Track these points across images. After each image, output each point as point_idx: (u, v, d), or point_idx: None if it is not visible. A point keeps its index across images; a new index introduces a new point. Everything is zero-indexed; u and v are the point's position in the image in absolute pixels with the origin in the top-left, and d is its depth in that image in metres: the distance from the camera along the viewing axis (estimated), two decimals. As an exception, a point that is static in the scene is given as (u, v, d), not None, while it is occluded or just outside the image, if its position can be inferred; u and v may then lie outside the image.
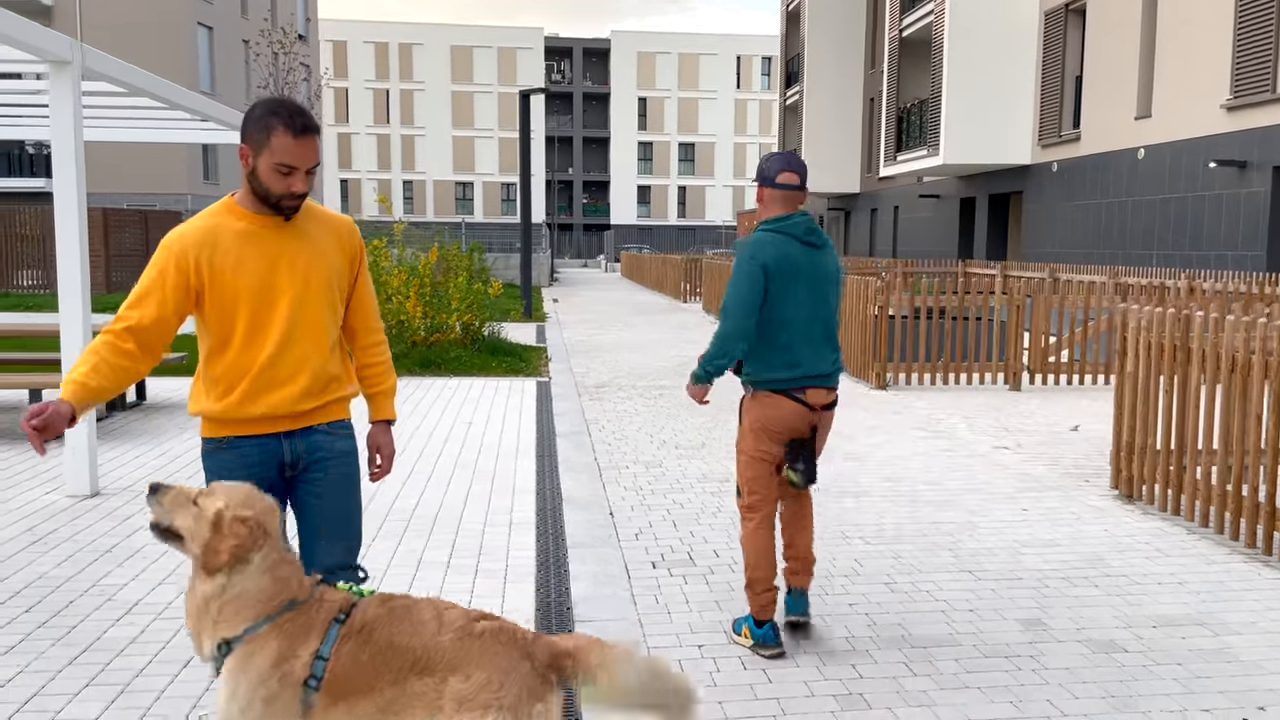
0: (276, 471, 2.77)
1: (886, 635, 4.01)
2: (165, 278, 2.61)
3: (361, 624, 2.20)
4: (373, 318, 2.95)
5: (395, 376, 3.04)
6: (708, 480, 6.63)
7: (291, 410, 2.71)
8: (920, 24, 26.88)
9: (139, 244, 26.10)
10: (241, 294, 2.64)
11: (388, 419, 2.98)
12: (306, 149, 2.60)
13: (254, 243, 2.66)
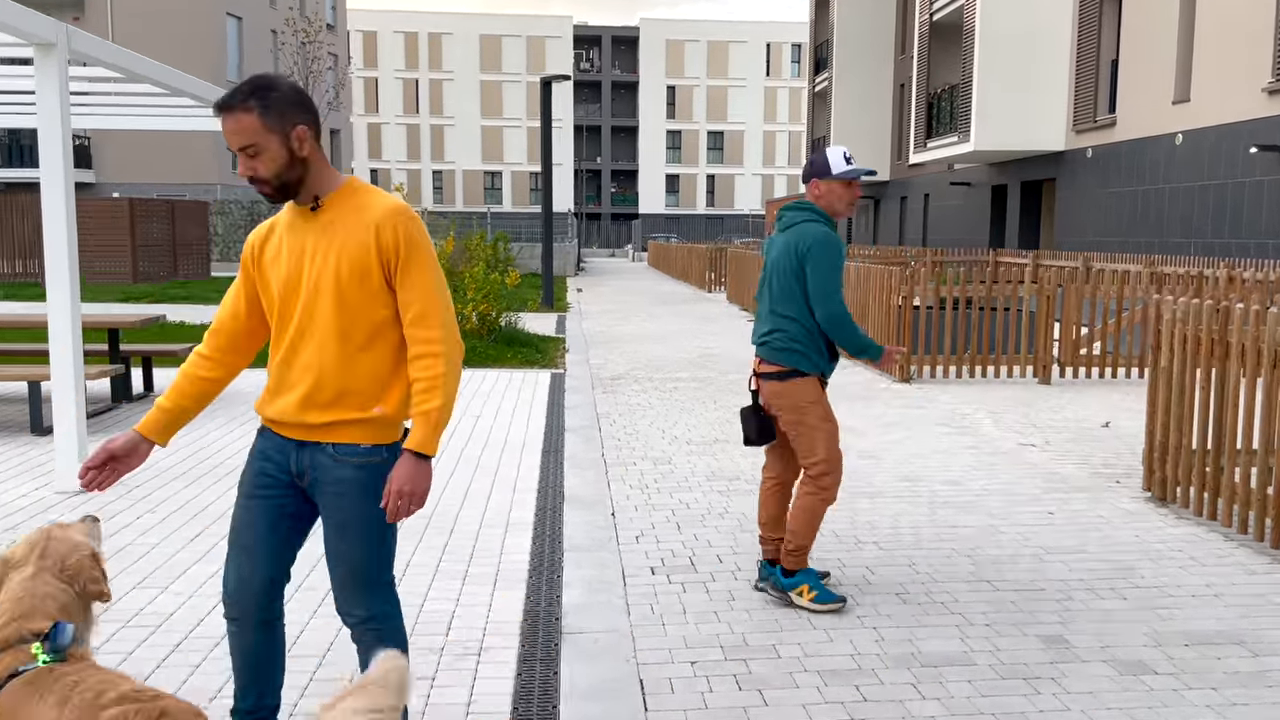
0: (286, 478, 2.59)
1: (895, 652, 3.74)
2: (240, 271, 2.62)
3: (10, 693, 1.91)
4: (419, 325, 2.46)
5: (443, 399, 2.45)
6: (717, 479, 6.37)
7: (295, 419, 2.51)
8: (951, 8, 26.31)
9: (166, 235, 26.15)
10: (272, 287, 2.55)
11: (414, 449, 2.43)
12: (228, 127, 2.41)
13: (291, 234, 2.54)
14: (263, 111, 2.41)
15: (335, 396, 2.50)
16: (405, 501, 2.44)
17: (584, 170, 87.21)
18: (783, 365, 4.08)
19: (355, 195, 2.52)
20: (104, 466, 2.51)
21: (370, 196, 2.51)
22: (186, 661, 3.54)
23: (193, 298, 20.35)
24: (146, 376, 9.05)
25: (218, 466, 6.44)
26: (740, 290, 20.91)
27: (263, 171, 2.44)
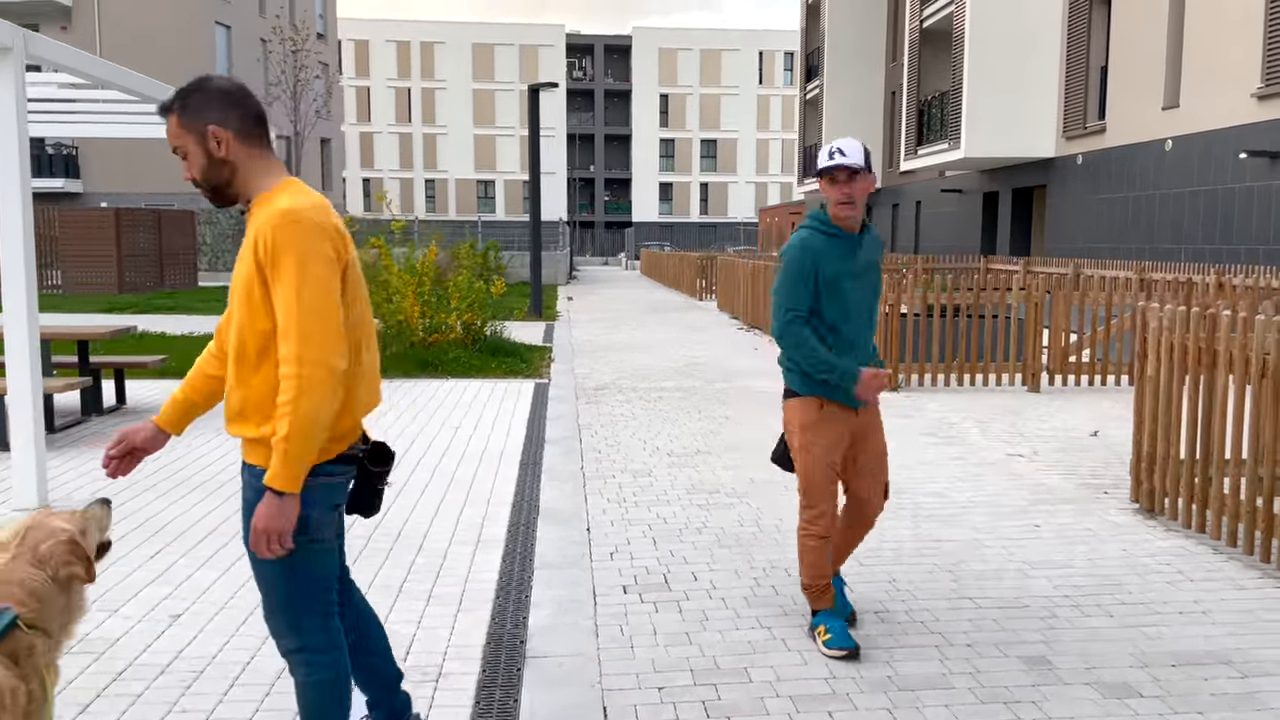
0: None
1: (872, 675, 3.59)
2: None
3: None
4: (281, 340, 2.28)
5: (289, 428, 2.25)
6: (696, 492, 6.22)
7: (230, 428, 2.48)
8: (941, 14, 26.28)
9: (152, 244, 25.96)
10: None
11: (267, 484, 2.25)
12: (167, 129, 2.38)
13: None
14: (181, 112, 2.33)
15: (236, 413, 2.41)
16: (263, 540, 2.27)
17: (577, 179, 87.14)
18: (785, 384, 3.85)
19: (270, 199, 2.36)
20: (125, 455, 2.52)
21: (272, 201, 2.34)
22: (128, 691, 3.38)
23: (178, 308, 20.16)
24: (119, 389, 8.88)
25: (187, 480, 6.28)
26: (730, 298, 20.78)
27: (192, 173, 2.37)
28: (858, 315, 3.74)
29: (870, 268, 3.76)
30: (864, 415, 3.82)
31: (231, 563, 4.72)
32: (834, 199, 3.64)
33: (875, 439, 3.86)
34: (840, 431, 3.75)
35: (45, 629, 2.20)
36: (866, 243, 3.75)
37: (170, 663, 3.62)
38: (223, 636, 3.86)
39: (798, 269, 3.64)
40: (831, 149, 3.62)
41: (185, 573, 4.57)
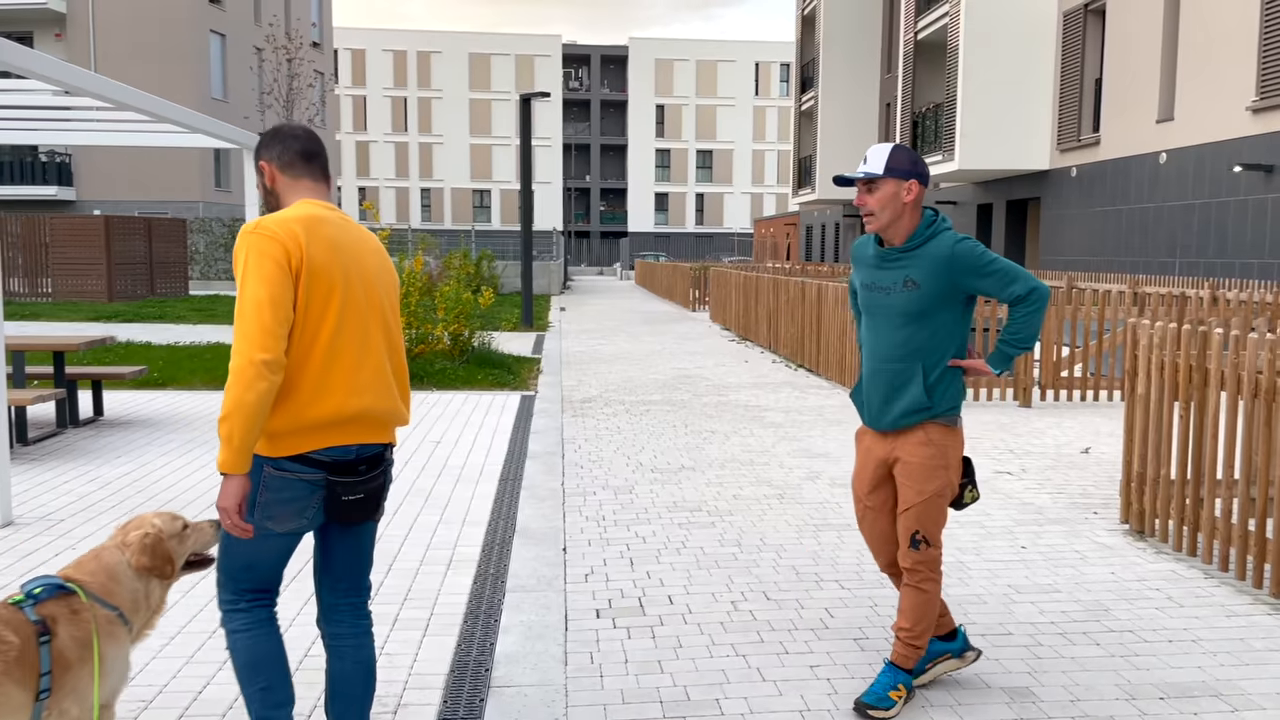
0: None
1: (847, 706, 3.45)
2: None
3: None
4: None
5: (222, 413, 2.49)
6: (678, 510, 6.09)
7: None
8: (935, 26, 26.26)
9: (142, 253, 25.81)
10: None
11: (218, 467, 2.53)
12: None
13: None
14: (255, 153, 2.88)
15: None
16: (221, 515, 2.56)
17: (573, 189, 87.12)
18: None
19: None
20: None
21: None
22: (71, 722, 3.24)
23: (166, 317, 20.01)
24: (96, 400, 8.74)
25: (153, 499, 6.13)
26: (722, 309, 20.67)
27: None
28: (876, 333, 3.39)
29: (902, 284, 3.31)
30: (894, 443, 3.40)
31: (192, 585, 4.58)
32: (859, 206, 3.38)
33: (903, 474, 3.38)
34: (866, 457, 3.50)
35: (118, 606, 2.56)
36: (907, 257, 3.31)
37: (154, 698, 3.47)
38: (177, 663, 3.72)
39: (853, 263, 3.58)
40: (866, 157, 3.39)
41: (145, 594, 4.43)
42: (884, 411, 3.37)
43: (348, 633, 2.84)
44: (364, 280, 2.69)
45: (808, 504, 6.24)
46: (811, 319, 12.88)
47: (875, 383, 3.37)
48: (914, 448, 3.34)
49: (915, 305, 3.29)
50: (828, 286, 12.11)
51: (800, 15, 42.50)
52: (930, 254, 3.28)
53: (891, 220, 3.28)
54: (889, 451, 3.40)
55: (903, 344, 3.33)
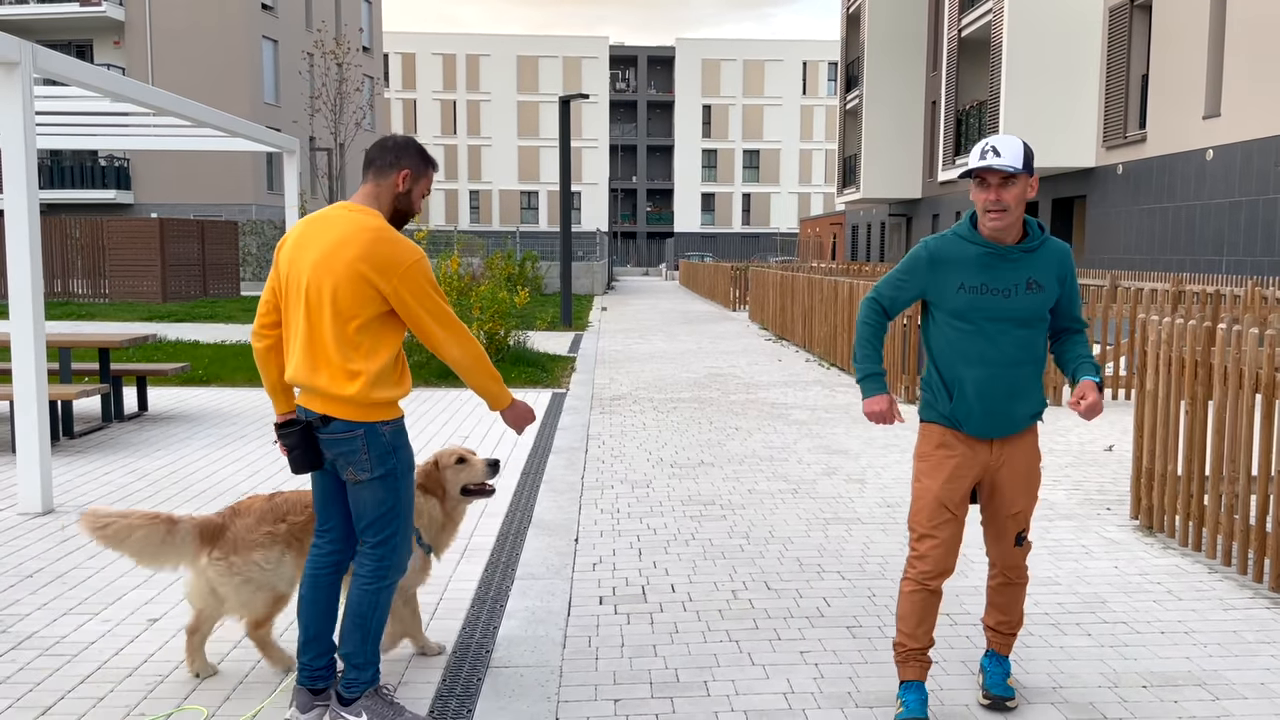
0: None
1: (831, 691, 3.55)
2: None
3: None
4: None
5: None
6: (691, 503, 6.21)
7: None
8: (980, 23, 26.03)
9: (195, 254, 26.49)
10: None
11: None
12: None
13: None
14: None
15: None
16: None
17: (619, 189, 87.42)
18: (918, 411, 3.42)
19: None
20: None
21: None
22: (91, 694, 3.45)
23: (216, 317, 20.54)
24: (140, 396, 9.07)
25: (187, 490, 6.39)
26: (760, 309, 20.71)
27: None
28: (988, 337, 3.14)
29: (1025, 286, 3.15)
30: (1002, 449, 3.24)
31: (217, 568, 4.80)
32: (981, 205, 3.10)
33: (1011, 478, 3.26)
34: (963, 466, 3.21)
35: (423, 516, 3.67)
36: (1028, 258, 3.16)
37: (139, 666, 3.68)
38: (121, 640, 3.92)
39: (909, 262, 3.24)
40: (985, 147, 3.07)
41: (171, 578, 4.66)
42: (1004, 418, 3.18)
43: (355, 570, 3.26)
44: (299, 270, 3.08)
45: (821, 498, 6.32)
46: (844, 318, 12.90)
47: (991, 389, 3.15)
48: (1027, 450, 3.26)
49: (1039, 307, 3.16)
50: (859, 285, 12.13)
51: (845, 14, 42.29)
52: (1050, 255, 3.19)
53: (1016, 219, 3.10)
54: (995, 457, 3.22)
55: (1025, 346, 3.17)
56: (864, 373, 3.30)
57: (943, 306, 3.19)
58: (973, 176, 3.09)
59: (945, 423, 3.23)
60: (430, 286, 3.09)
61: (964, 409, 3.18)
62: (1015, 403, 3.18)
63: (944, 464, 3.21)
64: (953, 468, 3.21)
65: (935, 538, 3.20)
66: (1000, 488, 3.27)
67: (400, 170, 3.14)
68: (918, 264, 3.20)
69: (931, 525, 3.21)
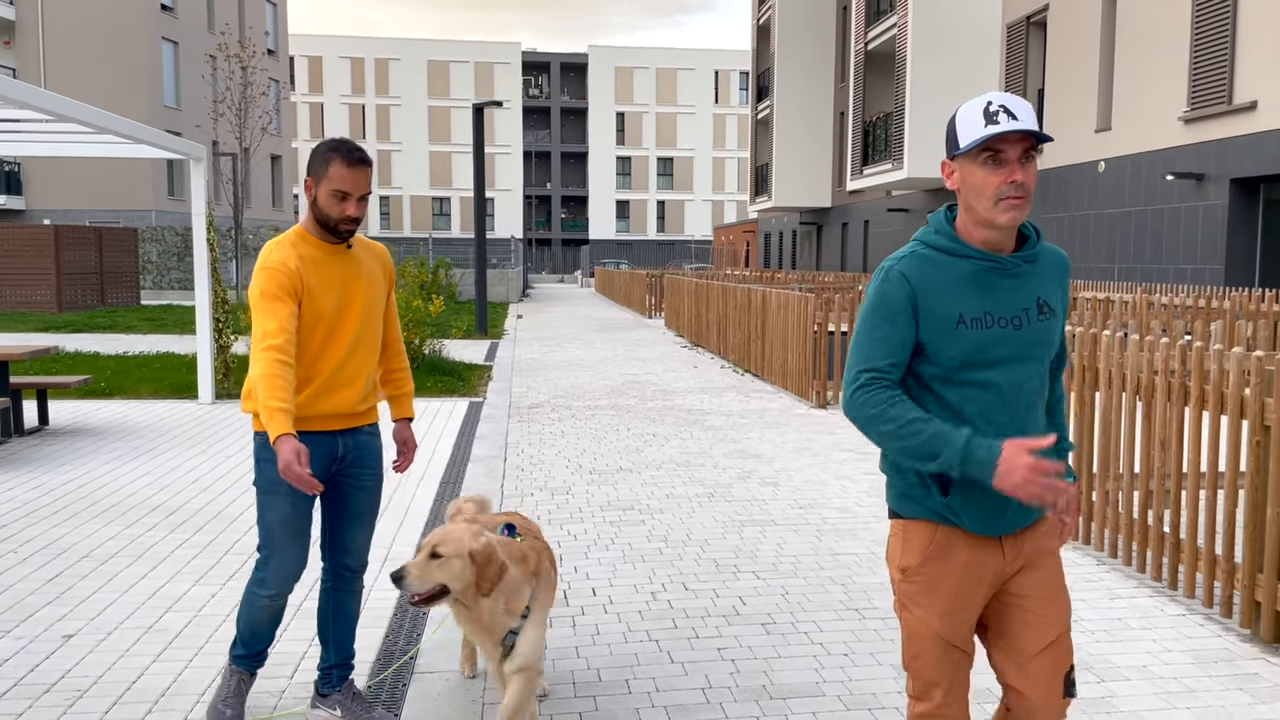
0: (328, 466, 3.21)
1: (747, 685, 3.70)
2: (286, 295, 3.01)
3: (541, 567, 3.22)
4: (398, 328, 3.46)
5: (413, 382, 3.57)
6: (611, 509, 6.32)
7: (352, 409, 3.20)
8: (885, 37, 26.80)
9: (92, 263, 25.62)
10: (322, 310, 3.10)
11: (408, 417, 3.48)
12: (358, 176, 3.07)
13: (328, 268, 3.15)
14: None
15: (373, 388, 3.33)
16: (413, 454, 3.48)
17: (534, 196, 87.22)
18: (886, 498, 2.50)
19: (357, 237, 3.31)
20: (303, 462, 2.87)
21: (365, 239, 3.34)
22: (9, 710, 3.41)
23: (116, 327, 19.93)
24: (41, 410, 8.81)
25: (95, 505, 6.26)
26: (676, 316, 20.97)
27: (359, 213, 3.13)
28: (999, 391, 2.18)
29: (1036, 310, 2.22)
30: (1017, 546, 2.27)
31: (131, 584, 4.74)
32: (991, 192, 2.11)
33: (1044, 592, 2.29)
34: (969, 582, 2.24)
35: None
36: (1031, 271, 2.24)
37: (56, 682, 3.64)
38: (113, 656, 3.88)
39: (881, 307, 2.19)
40: (990, 107, 2.10)
41: (84, 594, 4.59)
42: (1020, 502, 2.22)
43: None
44: None
45: (736, 501, 6.50)
46: (757, 325, 13.19)
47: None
48: (1049, 540, 2.33)
49: (1054, 339, 2.26)
50: (772, 293, 12.41)
51: (755, 25, 43.03)
52: (1052, 265, 2.30)
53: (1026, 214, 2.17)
54: (1013, 559, 2.27)
55: (1039, 398, 2.26)
56: (956, 448, 2.07)
57: (937, 357, 2.18)
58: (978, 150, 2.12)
59: (935, 518, 2.24)
60: (256, 297, 2.99)
61: (966, 497, 2.20)
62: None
63: (940, 583, 2.24)
64: (955, 587, 2.24)
65: (942, 685, 2.28)
66: (1022, 605, 2.28)
67: (306, 180, 3.13)
68: (895, 306, 2.17)
69: (938, 672, 2.27)
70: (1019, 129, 2.06)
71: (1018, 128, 2.06)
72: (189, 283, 33.47)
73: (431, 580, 2.83)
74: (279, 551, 3.14)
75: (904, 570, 2.28)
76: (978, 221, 2.17)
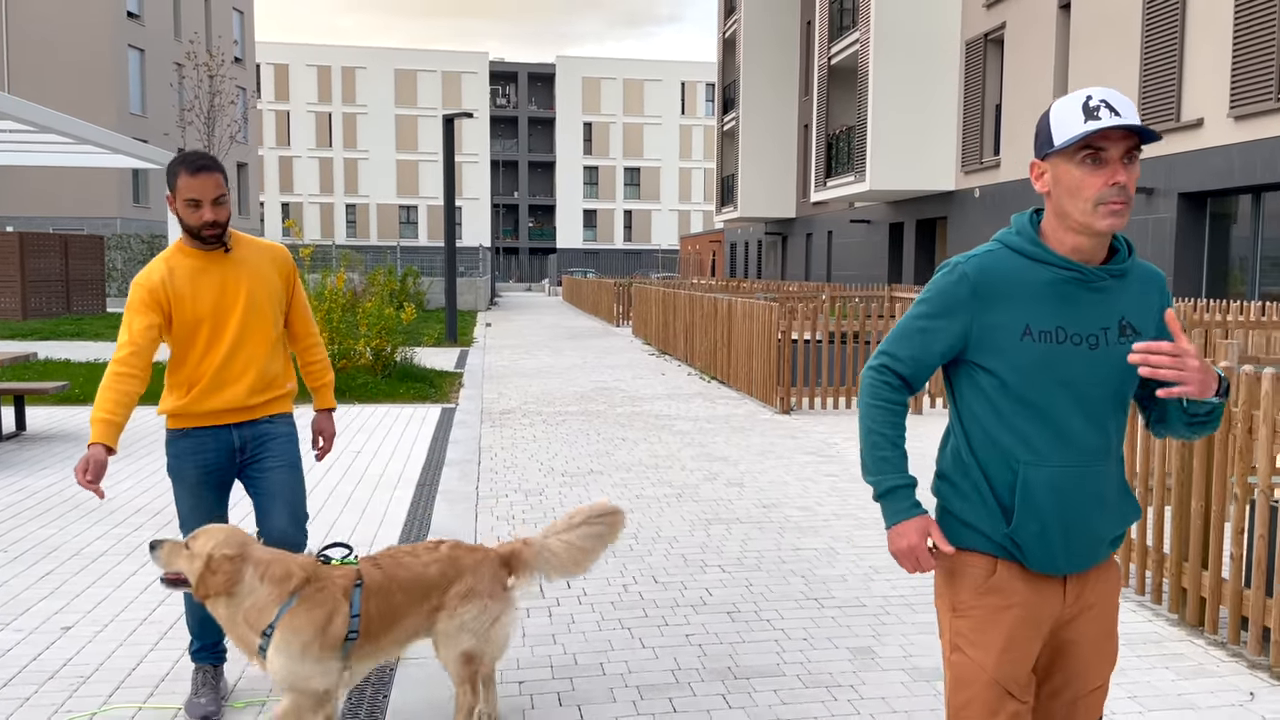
0: (227, 458, 3.45)
1: (713, 666, 3.97)
2: (145, 309, 3.28)
3: (374, 583, 3.02)
4: (310, 324, 3.67)
5: (333, 372, 3.73)
6: (583, 509, 6.57)
7: (242, 404, 3.41)
8: (848, 52, 27.32)
9: (58, 270, 25.48)
10: (201, 315, 3.34)
11: (328, 407, 3.72)
12: (201, 182, 3.24)
13: (205, 274, 3.35)
14: (223, 172, 3.34)
15: (269, 381, 3.49)
16: (330, 443, 3.72)
17: (501, 205, 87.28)
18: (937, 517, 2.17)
19: (248, 240, 3.48)
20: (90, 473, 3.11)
21: (260, 240, 3.53)
22: (17, 695, 3.60)
23: (84, 334, 19.88)
24: (19, 415, 8.91)
25: (79, 507, 6.42)
26: (643, 324, 21.25)
27: (216, 216, 3.29)
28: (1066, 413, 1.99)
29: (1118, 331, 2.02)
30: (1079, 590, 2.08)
31: (123, 580, 4.93)
32: (1091, 194, 1.93)
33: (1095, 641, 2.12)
34: (1024, 628, 2.04)
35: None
36: (1119, 286, 2.04)
37: (59, 669, 3.84)
38: (111, 645, 4.08)
39: (934, 300, 2.05)
40: (1090, 101, 1.91)
41: (77, 589, 4.77)
42: (1088, 539, 2.04)
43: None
44: None
45: (703, 501, 6.78)
46: (723, 333, 13.50)
47: (1073, 497, 2.00)
48: (1110, 589, 2.14)
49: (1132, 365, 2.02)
50: (737, 302, 12.73)
51: (722, 38, 43.53)
52: (1145, 284, 2.09)
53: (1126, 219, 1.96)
54: (1070, 604, 2.08)
55: (1119, 426, 2.07)
56: (883, 486, 2.08)
57: (995, 365, 2.00)
58: (1076, 148, 1.93)
59: (995, 551, 2.05)
60: (125, 310, 3.34)
61: (1032, 529, 2.00)
62: (1103, 516, 2.04)
63: (997, 621, 2.04)
64: (1012, 626, 2.03)
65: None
66: (1075, 651, 2.12)
67: (166, 196, 3.48)
68: (954, 297, 2.02)
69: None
70: (1125, 124, 1.86)
71: (1123, 123, 1.86)
72: (154, 291, 33.24)
73: (174, 565, 2.92)
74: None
75: (956, 606, 2.08)
76: (1071, 227, 1.97)
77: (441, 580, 3.11)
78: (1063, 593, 2.05)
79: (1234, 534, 4.10)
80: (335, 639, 2.91)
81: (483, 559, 3.23)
